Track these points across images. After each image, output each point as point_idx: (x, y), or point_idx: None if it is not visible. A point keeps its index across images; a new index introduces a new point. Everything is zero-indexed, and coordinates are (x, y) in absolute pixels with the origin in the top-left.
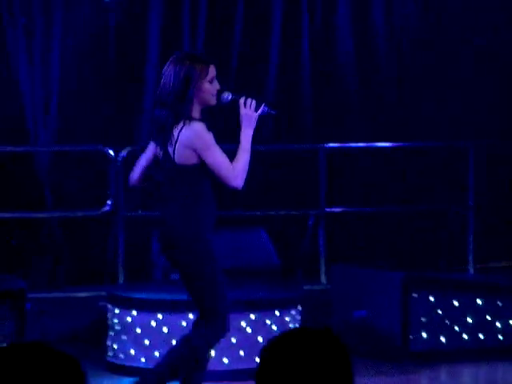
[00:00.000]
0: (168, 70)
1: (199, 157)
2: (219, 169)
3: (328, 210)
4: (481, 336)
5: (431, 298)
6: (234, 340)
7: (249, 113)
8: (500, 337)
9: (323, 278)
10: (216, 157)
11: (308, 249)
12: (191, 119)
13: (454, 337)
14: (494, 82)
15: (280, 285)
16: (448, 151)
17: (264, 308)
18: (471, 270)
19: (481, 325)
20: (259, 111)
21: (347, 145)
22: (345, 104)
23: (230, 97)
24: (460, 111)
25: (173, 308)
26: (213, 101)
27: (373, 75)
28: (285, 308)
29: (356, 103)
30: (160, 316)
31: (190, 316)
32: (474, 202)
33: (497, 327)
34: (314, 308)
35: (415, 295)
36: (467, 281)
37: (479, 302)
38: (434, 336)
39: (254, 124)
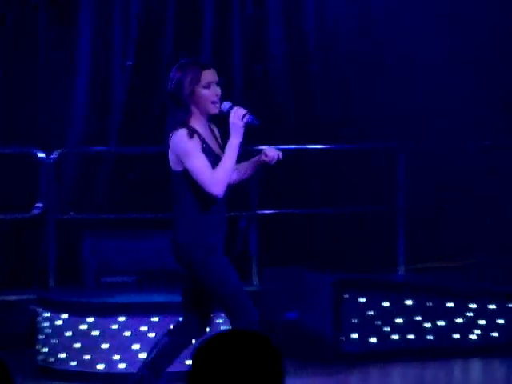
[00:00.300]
0: (169, 76)
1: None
2: (198, 175)
3: (260, 212)
4: (410, 336)
5: (362, 300)
6: None
7: (235, 122)
8: (429, 337)
9: (255, 280)
10: (195, 163)
11: (240, 250)
12: (184, 126)
13: (384, 337)
14: (419, 85)
15: None
16: (377, 153)
17: None
18: (401, 271)
19: (410, 325)
20: (244, 120)
21: (279, 147)
22: (276, 108)
23: (228, 106)
24: (389, 113)
25: (104, 311)
26: (212, 108)
27: (303, 77)
28: (217, 310)
29: (287, 106)
30: (91, 319)
31: (121, 319)
32: (403, 204)
33: (426, 327)
34: None
35: (346, 296)
36: (397, 282)
37: (409, 302)
38: (364, 337)
39: (239, 133)
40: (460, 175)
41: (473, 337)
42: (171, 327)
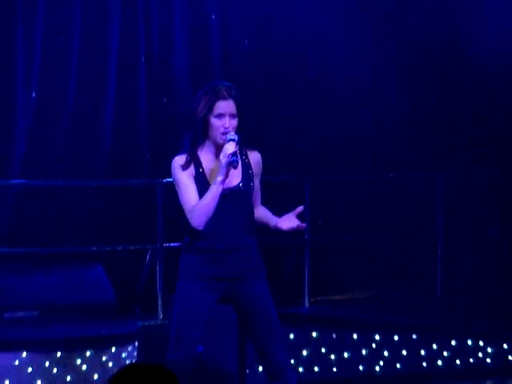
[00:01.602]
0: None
1: None
2: (182, 204)
3: (166, 244)
4: (316, 368)
5: None
6: (69, 378)
7: (221, 159)
8: (334, 369)
9: (160, 314)
10: (181, 194)
11: (145, 284)
12: (185, 152)
13: None
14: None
15: (116, 321)
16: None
17: (100, 344)
18: (306, 304)
19: (316, 357)
20: (226, 161)
21: None
22: (180, 139)
23: (228, 139)
24: (300, 144)
25: (5, 347)
26: (219, 139)
27: None
28: (121, 344)
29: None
30: None
31: (23, 355)
32: (309, 236)
33: (331, 359)
34: (150, 343)
35: None
36: (302, 314)
37: (314, 334)
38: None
39: (222, 171)
40: (363, 207)
41: (377, 368)
42: None
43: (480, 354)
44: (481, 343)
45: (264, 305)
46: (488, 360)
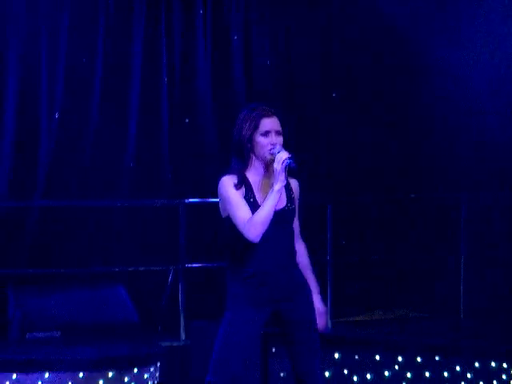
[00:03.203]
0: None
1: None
2: (235, 220)
3: (188, 265)
4: None
5: None
6: None
7: (276, 167)
8: None
9: (182, 335)
10: (233, 210)
11: (167, 305)
12: (233, 173)
13: None
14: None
15: (139, 341)
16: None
17: (122, 365)
18: (329, 324)
19: (339, 379)
20: (282, 166)
21: (207, 200)
22: (203, 157)
23: (277, 152)
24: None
25: (28, 367)
26: (268, 156)
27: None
28: (143, 365)
29: (215, 156)
30: (14, 376)
31: (46, 375)
32: (331, 257)
33: (354, 381)
34: (172, 365)
35: (274, 350)
36: (325, 335)
37: (337, 355)
38: None
39: (278, 178)
40: (384, 228)
41: None
42: None
43: (504, 376)
44: (504, 365)
45: (309, 325)
46: None
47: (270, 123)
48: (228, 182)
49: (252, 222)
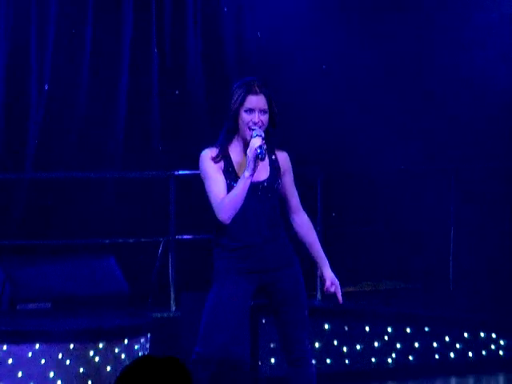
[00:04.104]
0: None
1: None
2: (209, 199)
3: (178, 237)
4: (328, 361)
5: None
6: (81, 370)
7: (248, 153)
8: (347, 361)
9: (173, 306)
10: (207, 186)
11: (158, 276)
12: (216, 146)
13: None
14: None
15: (129, 313)
16: None
17: (113, 336)
18: (319, 296)
19: (328, 350)
20: (253, 155)
21: (197, 172)
22: (194, 129)
23: (253, 135)
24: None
25: (18, 338)
26: (246, 134)
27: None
28: (134, 336)
29: (206, 130)
30: (5, 347)
31: (37, 346)
32: (321, 228)
33: (343, 352)
34: (163, 336)
35: (264, 321)
36: (315, 306)
37: (326, 326)
38: (282, 362)
39: (250, 166)
40: (382, 199)
41: (389, 360)
42: None
43: (492, 346)
44: (493, 335)
45: (296, 298)
46: (501, 352)
47: (254, 101)
48: (206, 156)
49: (222, 205)
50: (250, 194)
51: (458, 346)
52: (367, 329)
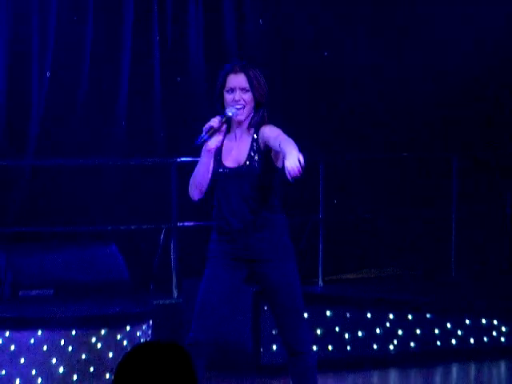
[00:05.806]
0: None
1: None
2: None
3: (180, 224)
4: (329, 347)
5: None
6: (83, 356)
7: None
8: (348, 348)
9: (175, 292)
10: None
11: (160, 263)
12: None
13: None
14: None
15: (131, 299)
16: None
17: (115, 323)
18: (320, 283)
19: (330, 336)
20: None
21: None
22: (196, 116)
23: (226, 113)
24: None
25: (20, 325)
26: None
27: None
28: (136, 323)
29: (208, 116)
30: (7, 333)
31: (39, 333)
32: (323, 215)
33: (345, 338)
34: (165, 322)
35: (266, 308)
36: (316, 293)
37: (328, 313)
38: (283, 349)
39: (204, 148)
40: (377, 186)
41: (391, 347)
42: None
43: (494, 333)
44: (495, 322)
45: (286, 285)
46: (502, 339)
47: (234, 79)
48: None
49: (190, 183)
50: (231, 178)
51: (459, 332)
52: (369, 315)
